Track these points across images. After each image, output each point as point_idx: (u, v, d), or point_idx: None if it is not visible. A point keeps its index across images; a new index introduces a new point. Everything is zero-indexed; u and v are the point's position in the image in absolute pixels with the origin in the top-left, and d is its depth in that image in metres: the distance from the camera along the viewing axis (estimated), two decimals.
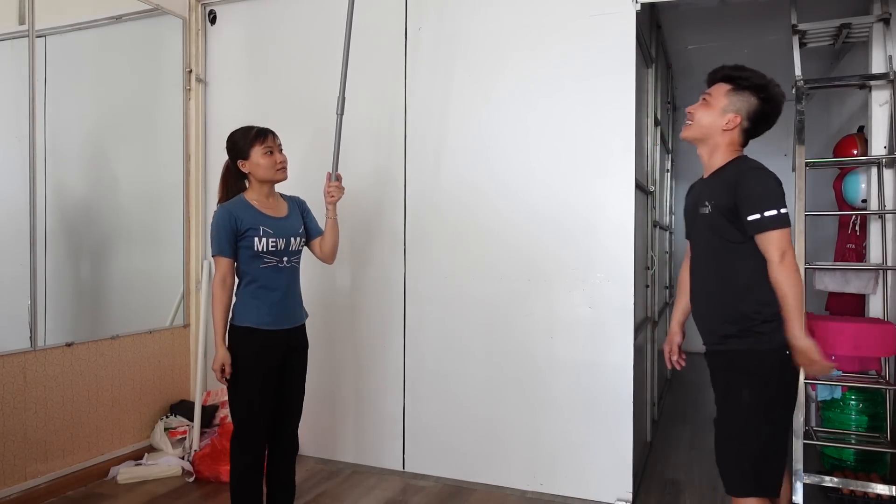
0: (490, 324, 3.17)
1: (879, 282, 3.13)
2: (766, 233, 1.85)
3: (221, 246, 2.31)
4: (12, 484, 2.88)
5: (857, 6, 3.36)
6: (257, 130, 2.39)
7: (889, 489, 2.79)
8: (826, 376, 2.98)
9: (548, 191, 3.06)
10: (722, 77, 2.00)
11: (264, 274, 2.35)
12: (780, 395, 1.94)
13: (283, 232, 2.38)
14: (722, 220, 1.93)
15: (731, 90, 1.96)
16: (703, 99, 2.01)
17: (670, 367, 2.22)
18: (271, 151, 2.37)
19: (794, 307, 1.83)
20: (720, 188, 1.95)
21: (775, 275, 1.85)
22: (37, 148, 3.02)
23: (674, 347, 2.23)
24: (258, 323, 2.33)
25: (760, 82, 1.94)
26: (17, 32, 3.02)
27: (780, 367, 1.91)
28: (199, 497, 3.06)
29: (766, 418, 1.91)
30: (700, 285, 2.08)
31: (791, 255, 1.86)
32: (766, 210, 1.84)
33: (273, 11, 3.66)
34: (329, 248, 2.56)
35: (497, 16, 3.15)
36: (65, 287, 3.28)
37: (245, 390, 2.33)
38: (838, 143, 3.55)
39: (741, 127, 1.97)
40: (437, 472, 3.28)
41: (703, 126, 2.00)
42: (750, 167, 1.93)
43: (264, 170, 2.36)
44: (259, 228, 2.32)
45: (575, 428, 3.01)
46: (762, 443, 1.91)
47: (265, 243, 2.32)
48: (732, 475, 1.94)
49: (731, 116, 1.95)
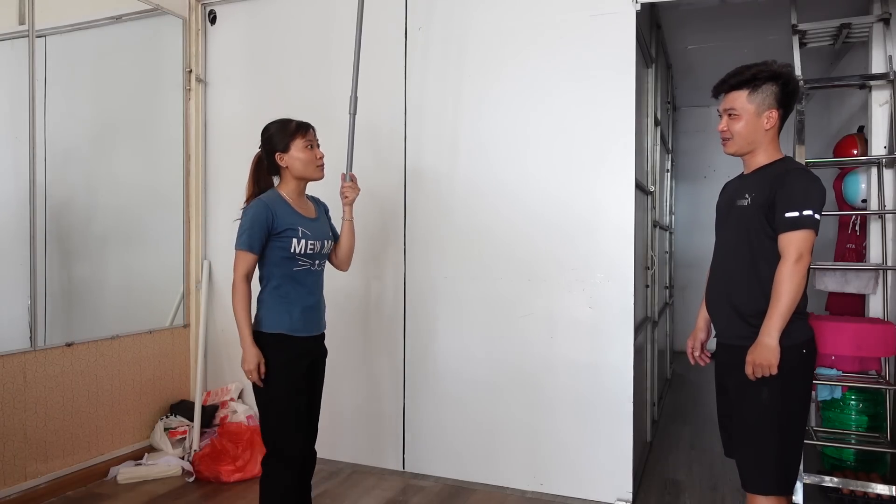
0: (490, 324, 3.17)
1: (879, 282, 3.13)
2: (795, 231, 1.84)
3: (252, 241, 2.13)
4: (12, 484, 2.88)
5: (857, 6, 3.36)
6: (298, 122, 2.26)
7: (889, 489, 2.79)
8: (826, 376, 2.99)
9: (547, 191, 3.06)
10: (730, 88, 1.99)
11: (297, 277, 2.21)
12: (798, 393, 1.92)
13: (318, 234, 2.26)
14: (758, 213, 1.92)
15: (751, 93, 1.95)
16: (729, 115, 2.00)
17: (693, 363, 2.25)
18: (312, 146, 2.25)
19: (784, 311, 1.83)
20: (764, 183, 1.93)
21: (783, 273, 1.84)
22: (37, 148, 3.02)
23: (697, 343, 2.22)
24: (291, 329, 2.19)
25: (768, 71, 1.94)
26: (17, 32, 3.02)
27: (799, 365, 1.90)
28: (199, 497, 3.06)
29: (785, 417, 1.90)
30: (723, 277, 2.06)
31: (806, 261, 1.84)
32: (806, 209, 1.84)
33: (273, 11, 3.66)
34: (345, 253, 2.44)
35: (497, 16, 3.15)
36: (65, 287, 3.28)
37: (281, 403, 2.17)
38: (838, 143, 3.56)
39: (779, 116, 1.97)
40: (437, 472, 3.28)
41: (745, 136, 1.98)
42: (798, 167, 1.96)
43: (304, 165, 2.22)
44: (298, 229, 2.18)
45: (575, 428, 3.01)
46: (782, 441, 1.89)
47: (304, 245, 2.19)
48: (751, 473, 1.93)
49: (768, 113, 1.95)
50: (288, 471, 2.18)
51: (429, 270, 3.29)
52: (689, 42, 4.56)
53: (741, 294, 1.98)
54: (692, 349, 2.23)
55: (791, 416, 1.92)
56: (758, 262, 1.94)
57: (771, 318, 1.85)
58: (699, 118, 6.47)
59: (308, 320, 2.24)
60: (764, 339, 1.85)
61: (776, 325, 1.84)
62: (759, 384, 1.89)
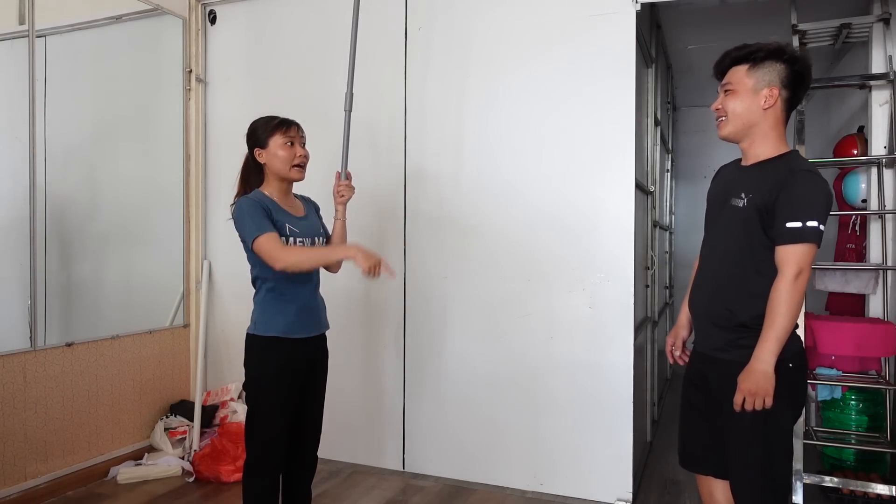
0: (490, 324, 3.17)
1: (879, 282, 3.13)
2: (796, 245, 1.64)
3: (261, 223, 2.04)
4: (12, 484, 2.88)
5: (857, 6, 3.36)
6: (281, 119, 2.20)
7: (889, 489, 2.79)
8: (826, 376, 2.98)
9: (547, 190, 3.06)
10: (732, 62, 1.79)
11: (290, 277, 2.13)
12: (785, 411, 1.74)
13: (307, 232, 2.20)
14: (755, 218, 1.72)
15: (750, 67, 1.75)
16: (725, 90, 1.80)
17: (672, 362, 2.10)
18: (292, 143, 2.17)
19: (781, 334, 1.64)
20: (763, 182, 1.72)
21: (780, 290, 1.65)
22: (37, 148, 3.02)
23: (678, 342, 2.06)
24: (285, 331, 2.12)
25: (774, 47, 1.74)
26: (17, 32, 3.02)
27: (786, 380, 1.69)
28: (199, 497, 3.06)
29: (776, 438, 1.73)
30: (710, 282, 1.88)
31: (806, 277, 1.65)
32: (810, 220, 1.63)
33: (273, 11, 3.66)
34: None
35: (497, 16, 3.15)
36: (65, 287, 3.28)
37: (267, 411, 2.11)
38: (838, 143, 3.56)
39: (782, 98, 1.75)
40: (437, 472, 3.28)
41: (741, 115, 1.76)
42: (804, 168, 1.71)
43: (280, 162, 2.15)
44: (285, 227, 2.12)
45: (575, 428, 3.01)
46: (772, 464, 1.73)
47: (292, 243, 2.13)
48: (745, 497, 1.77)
49: (767, 91, 1.73)
50: (263, 478, 2.13)
51: (428, 270, 3.29)
52: (689, 42, 4.56)
53: (728, 305, 1.79)
54: (672, 347, 2.07)
55: (782, 436, 1.75)
56: (748, 273, 1.75)
57: (766, 341, 1.65)
58: (699, 118, 6.47)
59: (305, 321, 2.19)
60: (758, 365, 1.65)
61: (771, 350, 1.64)
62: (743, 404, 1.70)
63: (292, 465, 2.26)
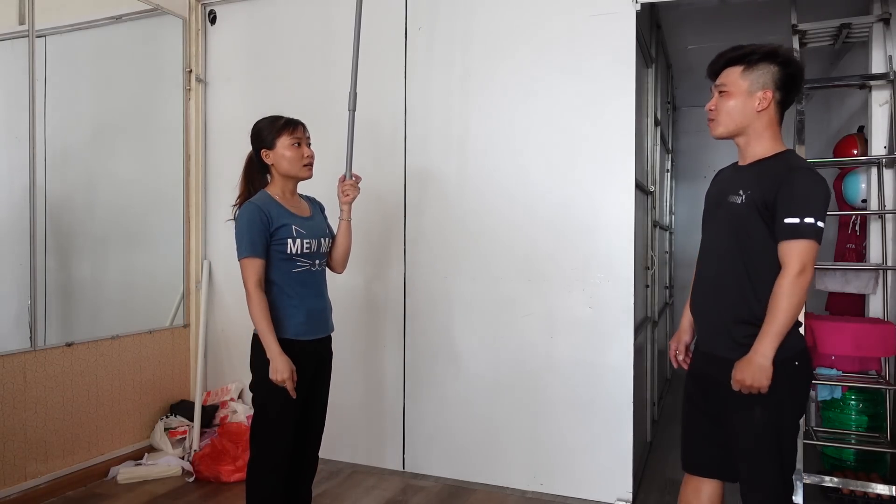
0: (490, 324, 3.17)
1: (879, 282, 3.13)
2: (796, 240, 1.66)
3: (255, 245, 2.07)
4: (12, 484, 2.88)
5: (857, 6, 3.36)
6: (286, 119, 2.21)
7: (889, 489, 2.79)
8: (826, 376, 2.98)
9: (547, 191, 3.06)
10: (726, 63, 1.83)
11: (297, 279, 2.15)
12: (792, 410, 1.78)
13: (314, 232, 2.20)
14: (753, 214, 1.74)
15: (745, 69, 1.78)
16: (719, 91, 1.84)
17: (677, 366, 2.12)
18: (299, 143, 2.19)
19: (781, 329, 1.66)
20: (761, 180, 1.74)
21: (782, 286, 1.66)
22: (36, 148, 3.02)
23: (681, 346, 2.07)
24: (295, 333, 2.13)
25: (768, 49, 1.77)
26: (17, 32, 3.02)
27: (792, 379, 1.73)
28: (199, 497, 3.06)
29: (783, 437, 1.76)
30: (710, 282, 1.89)
31: (809, 274, 1.66)
32: (807, 216, 1.65)
33: (273, 11, 3.66)
34: (341, 254, 2.36)
35: (496, 16, 3.15)
36: (65, 287, 3.28)
37: (276, 413, 2.12)
38: (838, 143, 3.56)
39: (775, 100, 1.78)
40: (437, 472, 3.28)
41: (734, 116, 1.80)
42: (801, 165, 1.76)
43: (289, 163, 2.17)
44: (291, 228, 2.13)
45: (575, 428, 3.01)
46: (780, 462, 1.75)
47: (299, 245, 2.13)
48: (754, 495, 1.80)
49: (761, 94, 1.77)
50: (272, 475, 2.14)
51: (429, 270, 3.29)
52: (689, 42, 4.56)
53: (729, 304, 1.80)
54: (675, 352, 2.08)
55: (790, 434, 1.78)
56: (750, 271, 1.76)
57: (766, 335, 1.67)
58: (699, 118, 6.45)
59: (314, 323, 2.20)
60: (755, 357, 1.68)
61: (770, 344, 1.66)
62: (749, 402, 1.73)
63: (293, 465, 2.26)
